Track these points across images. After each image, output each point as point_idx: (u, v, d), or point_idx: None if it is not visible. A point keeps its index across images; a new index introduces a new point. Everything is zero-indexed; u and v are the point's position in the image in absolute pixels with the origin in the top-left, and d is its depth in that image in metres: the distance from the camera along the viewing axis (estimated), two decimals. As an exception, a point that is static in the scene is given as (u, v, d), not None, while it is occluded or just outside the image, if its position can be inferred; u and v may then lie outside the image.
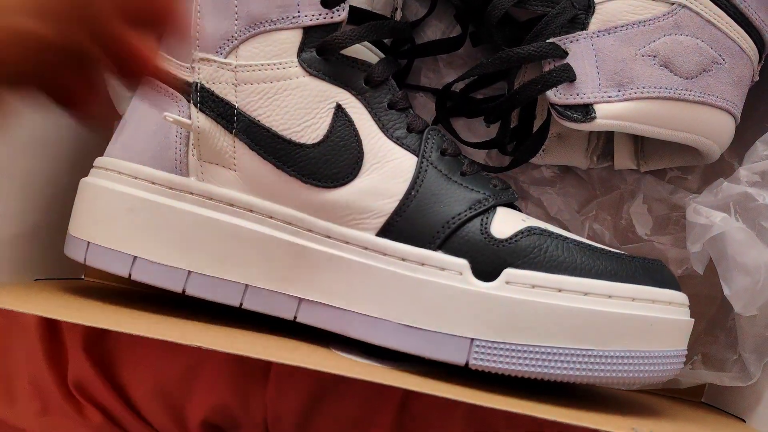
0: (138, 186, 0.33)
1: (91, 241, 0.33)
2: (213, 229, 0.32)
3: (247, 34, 0.32)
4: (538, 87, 0.32)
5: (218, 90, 0.32)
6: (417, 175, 0.31)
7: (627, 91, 0.31)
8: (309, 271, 0.31)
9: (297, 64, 0.32)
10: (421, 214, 0.30)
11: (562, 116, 0.32)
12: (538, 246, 0.29)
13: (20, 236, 0.36)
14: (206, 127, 0.32)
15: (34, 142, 0.36)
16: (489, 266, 0.29)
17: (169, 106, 0.33)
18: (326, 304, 0.31)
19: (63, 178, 0.39)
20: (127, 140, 0.34)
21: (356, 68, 0.32)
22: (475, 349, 0.28)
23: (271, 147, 0.32)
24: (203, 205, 0.32)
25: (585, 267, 0.29)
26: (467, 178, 0.31)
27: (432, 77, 0.40)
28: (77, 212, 0.34)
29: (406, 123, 0.32)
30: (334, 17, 0.32)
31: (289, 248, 0.32)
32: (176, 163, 0.33)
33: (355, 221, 0.31)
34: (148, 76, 0.26)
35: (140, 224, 0.32)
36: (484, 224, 0.30)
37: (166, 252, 0.32)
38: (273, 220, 0.32)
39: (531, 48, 0.32)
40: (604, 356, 0.28)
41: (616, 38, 0.32)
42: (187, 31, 0.32)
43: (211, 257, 0.32)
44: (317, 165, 0.31)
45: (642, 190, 0.38)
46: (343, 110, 0.32)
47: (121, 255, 0.32)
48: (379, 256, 0.30)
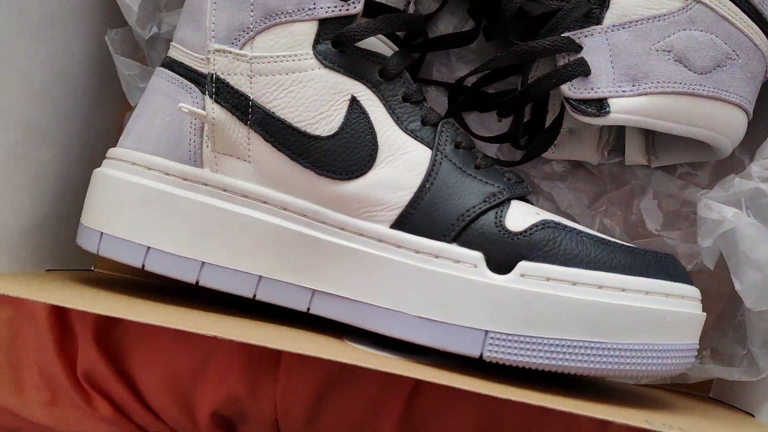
0: (152, 177, 0.33)
1: (104, 231, 0.33)
2: (227, 220, 0.32)
3: (263, 25, 0.32)
4: (553, 81, 0.32)
5: (233, 81, 0.32)
6: (431, 167, 0.31)
7: (641, 85, 0.31)
8: (323, 262, 0.32)
9: (312, 56, 0.32)
10: (435, 206, 0.30)
11: (577, 110, 0.32)
12: (553, 239, 0.29)
13: (32, 227, 0.36)
14: (221, 118, 0.32)
15: (45, 133, 0.36)
16: (504, 259, 0.29)
17: (183, 98, 0.33)
18: (340, 296, 0.31)
19: (74, 169, 0.39)
20: (141, 131, 0.34)
21: (371, 61, 0.32)
22: (490, 341, 0.28)
23: (286, 139, 0.32)
24: (217, 197, 0.32)
25: (599, 260, 0.29)
26: (481, 171, 0.31)
27: (444, 71, 0.40)
28: (90, 203, 0.34)
29: (421, 116, 0.32)
30: (349, 9, 0.32)
31: (302, 240, 0.32)
32: (190, 155, 0.33)
33: (370, 213, 0.31)
34: None
35: (154, 215, 0.32)
36: (499, 217, 0.30)
37: (180, 243, 0.32)
38: (287, 211, 0.32)
39: (546, 42, 0.32)
40: (617, 349, 0.28)
41: (630, 33, 0.32)
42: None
43: (224, 248, 0.32)
44: (332, 157, 0.31)
45: (652, 186, 0.38)
46: (358, 102, 0.32)
47: (135, 245, 0.32)
48: (393, 248, 0.31)
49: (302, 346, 0.28)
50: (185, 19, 0.34)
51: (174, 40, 0.35)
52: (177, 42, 0.35)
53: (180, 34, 0.34)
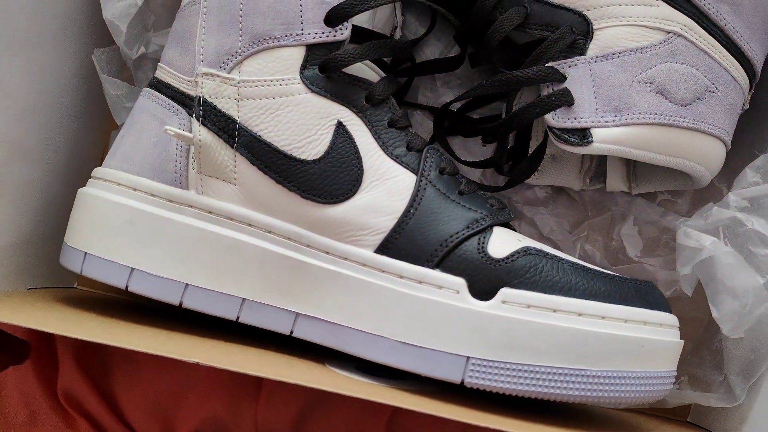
0: (137, 198, 0.33)
1: (88, 251, 0.33)
2: (212, 242, 0.32)
3: (251, 50, 0.32)
4: (537, 110, 0.32)
5: (220, 105, 0.32)
6: (416, 193, 0.31)
7: (624, 116, 0.32)
8: (307, 286, 0.32)
9: (299, 81, 0.32)
10: (419, 231, 0.31)
11: (560, 139, 0.32)
12: (534, 266, 0.30)
13: (15, 245, 0.36)
14: (207, 140, 0.32)
15: (29, 151, 0.36)
16: (486, 285, 0.30)
17: (170, 119, 0.33)
18: (323, 320, 0.31)
19: (58, 188, 0.39)
20: (127, 151, 0.34)
21: (357, 86, 0.33)
22: (471, 367, 0.29)
23: (272, 162, 0.32)
24: (202, 219, 0.33)
25: (579, 288, 0.29)
26: (465, 197, 0.32)
27: (429, 96, 0.41)
28: (74, 222, 0.34)
29: (406, 141, 0.33)
30: (336, 36, 0.32)
31: (287, 263, 0.32)
32: (176, 176, 0.33)
33: (354, 238, 0.31)
34: None
35: (138, 236, 0.32)
36: (481, 243, 0.30)
37: (164, 264, 0.32)
38: (272, 234, 0.32)
39: (530, 72, 0.32)
40: (596, 376, 0.28)
41: (613, 64, 0.32)
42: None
43: (208, 270, 0.32)
44: (317, 181, 0.32)
45: (633, 213, 0.39)
46: (344, 127, 0.32)
47: (119, 266, 0.32)
48: (377, 272, 0.31)
49: (283, 373, 0.28)
50: (173, 40, 0.35)
51: (161, 61, 0.35)
52: (164, 63, 0.35)
53: (168, 55, 0.35)
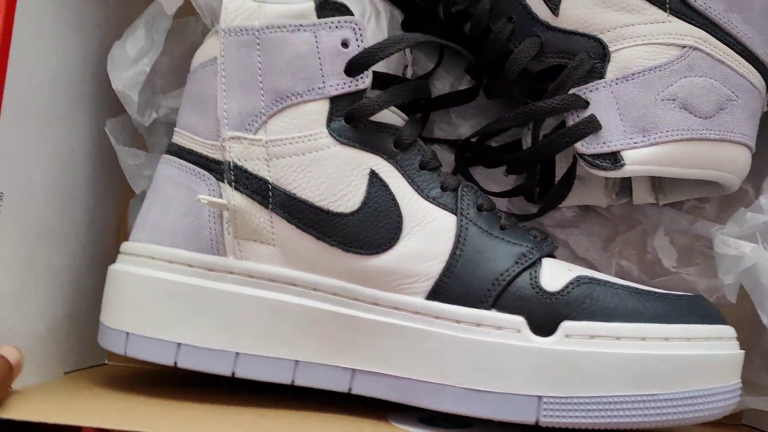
0: (175, 270, 0.32)
1: (130, 331, 0.32)
2: (257, 307, 0.32)
3: (275, 108, 0.32)
4: (566, 140, 0.32)
5: (251, 167, 0.32)
6: (459, 234, 0.31)
7: (652, 136, 0.32)
8: (360, 340, 0.31)
9: (327, 134, 0.32)
10: (469, 273, 0.30)
11: (592, 165, 0.32)
12: (590, 295, 0.30)
13: (50, 331, 0.35)
14: (242, 204, 0.32)
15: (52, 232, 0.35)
16: (545, 320, 0.29)
17: (197, 185, 0.33)
18: (381, 373, 0.31)
19: (81, 265, 0.38)
20: (156, 223, 0.33)
21: (385, 132, 0.32)
22: (544, 406, 0.28)
23: (310, 219, 0.31)
24: (244, 284, 0.32)
25: (637, 311, 0.29)
26: (507, 231, 0.32)
27: (446, 129, 0.41)
28: (110, 301, 0.33)
29: (440, 182, 0.32)
30: (358, 85, 0.32)
31: (336, 319, 0.31)
32: (212, 243, 0.32)
33: (402, 286, 0.31)
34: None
35: (181, 310, 0.32)
36: (534, 278, 0.30)
37: (211, 335, 0.32)
38: (317, 292, 0.32)
39: (554, 102, 0.32)
40: (669, 399, 0.28)
41: (634, 85, 0.33)
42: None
43: (257, 336, 0.31)
44: (358, 233, 0.31)
45: (663, 223, 0.39)
46: (377, 175, 0.32)
47: (165, 343, 0.32)
48: (431, 319, 0.30)
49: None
50: (189, 105, 0.34)
51: (178, 126, 0.35)
52: (182, 128, 0.34)
53: (185, 120, 0.34)
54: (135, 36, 0.37)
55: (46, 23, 0.33)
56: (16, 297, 0.32)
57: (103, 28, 0.38)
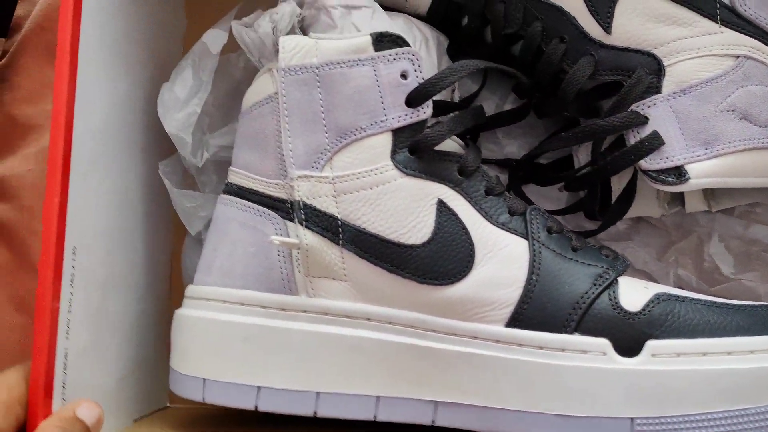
0: (249, 312, 0.32)
1: (207, 377, 0.32)
2: (333, 344, 0.32)
3: (339, 144, 0.32)
4: (632, 157, 0.32)
5: (319, 204, 0.32)
6: (532, 258, 0.31)
7: (714, 148, 0.32)
8: (441, 371, 0.31)
9: (392, 167, 0.32)
10: (547, 298, 0.31)
11: (656, 181, 0.33)
12: (671, 312, 0.30)
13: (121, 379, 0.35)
14: (314, 243, 0.31)
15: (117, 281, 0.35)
16: (629, 341, 0.29)
17: (263, 225, 0.33)
18: (466, 404, 0.31)
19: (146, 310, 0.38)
20: (224, 265, 0.33)
21: (448, 160, 0.32)
22: (637, 428, 0.28)
23: (381, 252, 0.31)
24: (319, 322, 0.32)
25: (720, 325, 0.30)
26: (579, 253, 0.32)
27: (493, 148, 0.41)
28: (182, 347, 0.33)
29: (507, 206, 0.32)
30: (419, 115, 0.32)
31: (415, 352, 0.31)
32: (283, 283, 0.32)
33: (480, 315, 0.31)
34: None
35: (258, 352, 0.32)
36: (613, 298, 0.30)
37: (291, 377, 0.31)
38: (393, 325, 0.32)
39: (616, 120, 0.33)
40: (759, 413, 0.28)
41: (692, 98, 0.33)
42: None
43: (337, 374, 0.31)
44: (431, 263, 0.31)
45: (716, 230, 0.39)
46: (445, 204, 0.32)
47: (245, 387, 0.31)
48: (513, 347, 0.30)
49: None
50: (245, 144, 0.34)
51: (235, 165, 0.34)
52: (240, 168, 0.34)
53: (243, 159, 0.34)
54: (183, 77, 0.36)
55: (101, 68, 0.33)
56: (90, 349, 0.32)
57: (148, 69, 0.38)
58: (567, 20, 0.34)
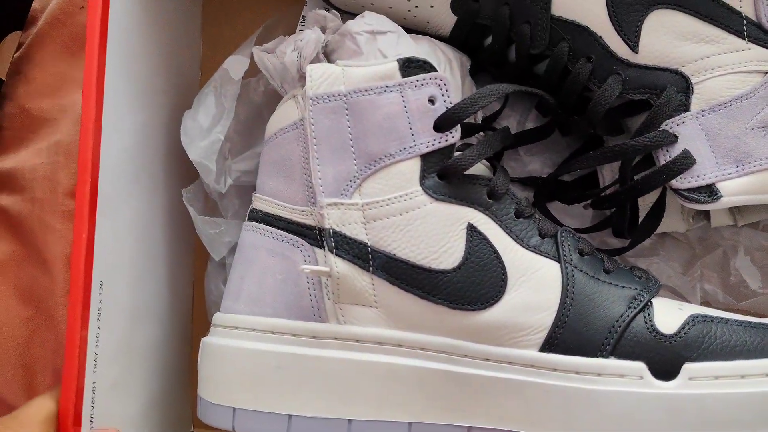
0: (278, 341, 0.32)
1: (237, 406, 0.32)
2: (365, 371, 0.31)
3: (368, 171, 0.31)
4: (663, 177, 0.32)
5: (348, 231, 0.31)
6: (566, 282, 0.31)
7: (746, 166, 0.32)
8: (474, 397, 0.31)
9: (422, 192, 0.31)
10: (582, 322, 0.30)
11: (688, 200, 0.32)
12: (707, 334, 0.30)
13: (145, 410, 0.35)
14: (344, 270, 0.31)
15: (141, 310, 0.35)
16: (666, 364, 0.29)
17: (291, 252, 0.32)
18: (500, 430, 0.31)
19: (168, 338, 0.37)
20: (253, 293, 0.33)
21: (477, 184, 0.32)
22: (677, 452, 0.28)
23: (412, 278, 0.31)
24: (350, 349, 0.32)
25: (758, 347, 0.29)
26: (612, 275, 0.32)
27: (514, 166, 0.40)
28: (210, 376, 0.33)
29: (537, 229, 0.32)
30: (448, 140, 0.32)
31: (448, 377, 0.31)
32: (314, 310, 0.32)
33: (514, 339, 0.31)
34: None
35: (289, 380, 0.31)
36: (648, 321, 0.30)
37: (322, 404, 0.31)
38: (425, 351, 0.31)
39: (646, 140, 0.32)
40: (800, 435, 0.28)
41: (722, 115, 0.33)
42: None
43: (368, 401, 0.31)
44: (462, 289, 0.31)
45: (741, 243, 0.39)
46: (476, 229, 0.32)
47: (276, 416, 0.31)
48: (548, 372, 0.30)
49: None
50: (271, 171, 0.34)
51: (260, 192, 0.34)
52: (266, 195, 0.34)
53: (268, 186, 0.34)
54: (205, 104, 0.36)
55: (125, 98, 0.33)
56: (117, 382, 0.32)
57: (168, 96, 0.37)
58: (594, 40, 0.34)
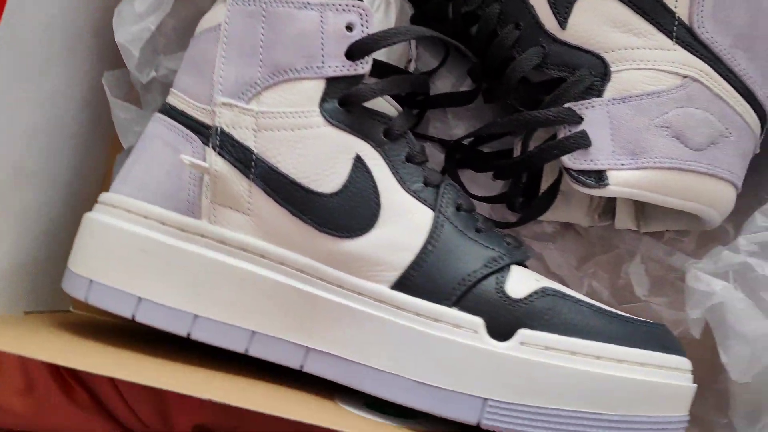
0: (148, 226, 0.32)
1: (94, 279, 0.32)
2: (223, 273, 0.32)
3: (271, 81, 0.32)
4: (555, 152, 0.32)
5: (238, 135, 0.32)
6: (433, 229, 0.31)
7: (640, 160, 0.32)
8: (319, 320, 0.31)
9: (318, 114, 0.32)
10: (437, 269, 0.31)
11: (576, 181, 0.33)
12: (552, 307, 0.30)
13: (14, 268, 0.35)
14: (223, 170, 0.32)
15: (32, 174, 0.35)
16: (504, 326, 0.29)
17: (183, 147, 0.33)
18: (335, 355, 0.31)
19: (57, 210, 0.38)
20: (139, 178, 0.33)
21: (376, 120, 0.32)
22: (488, 409, 0.28)
23: (289, 194, 0.31)
24: (214, 249, 0.32)
25: (597, 331, 0.29)
26: (482, 235, 0.32)
27: (440, 127, 0.41)
28: (80, 248, 0.33)
29: (423, 176, 0.33)
30: (357, 69, 0.32)
31: (300, 296, 0.31)
32: (189, 205, 0.32)
33: (370, 273, 0.31)
34: None
35: (148, 265, 0.32)
36: (500, 283, 0.30)
37: (173, 294, 0.32)
38: (285, 267, 0.32)
39: (549, 113, 0.33)
40: (613, 421, 0.28)
41: (630, 107, 0.33)
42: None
43: (219, 302, 0.32)
44: (334, 214, 0.31)
45: (640, 251, 0.39)
46: (362, 161, 0.32)
47: (126, 295, 0.32)
48: (393, 309, 0.30)
49: (293, 410, 0.27)
50: (188, 67, 0.34)
51: (174, 87, 0.35)
52: (178, 90, 0.34)
53: (182, 82, 0.34)
54: (145, -9, 0.37)
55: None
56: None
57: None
58: (525, 8, 0.34)
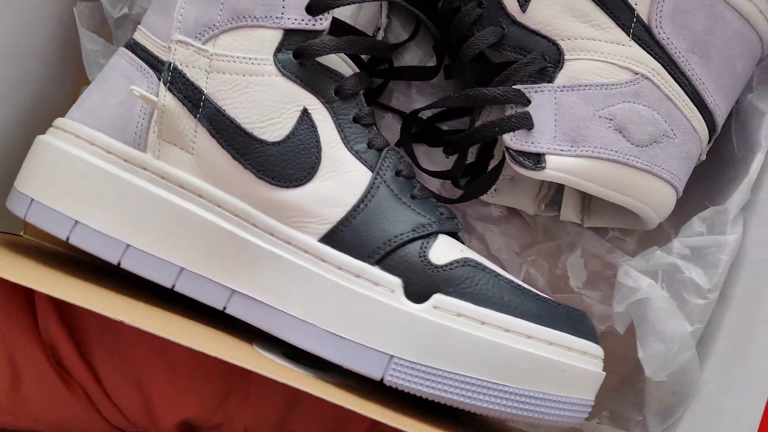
0: (93, 153, 0.33)
1: (34, 198, 0.33)
2: (160, 207, 0.32)
3: (229, 25, 0.32)
4: (496, 129, 0.33)
5: (190, 74, 0.32)
6: (369, 189, 0.32)
7: (579, 148, 0.33)
8: (247, 264, 0.32)
9: (272, 63, 0.32)
10: (365, 227, 0.31)
11: (515, 161, 0.33)
12: (471, 277, 0.30)
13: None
14: (171, 106, 0.32)
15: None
16: (421, 289, 0.30)
17: (139, 81, 0.33)
18: (257, 300, 0.31)
19: (20, 134, 0.39)
20: (92, 106, 0.34)
21: (329, 77, 0.33)
22: (393, 366, 0.29)
23: (232, 138, 0.32)
24: (154, 183, 0.33)
25: (511, 305, 0.30)
26: (416, 201, 0.32)
27: (402, 100, 0.41)
28: (27, 168, 0.34)
29: (368, 138, 0.33)
30: (316, 25, 0.32)
31: (231, 239, 0.32)
32: (135, 137, 0.33)
33: (301, 224, 0.32)
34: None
35: (88, 190, 0.32)
36: (424, 248, 0.31)
37: (109, 222, 0.32)
38: (220, 209, 0.32)
39: (497, 91, 0.33)
40: (515, 393, 0.29)
41: (578, 96, 0.33)
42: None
43: (152, 235, 0.32)
44: (274, 163, 0.32)
45: (581, 244, 0.39)
46: (309, 115, 0.32)
47: (63, 217, 0.32)
48: (317, 261, 0.31)
49: (210, 347, 0.28)
50: (156, 5, 0.35)
51: (142, 23, 0.35)
52: (144, 27, 0.35)
53: (149, 19, 0.35)
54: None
55: None
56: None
57: None
58: (490, -13, 0.34)
